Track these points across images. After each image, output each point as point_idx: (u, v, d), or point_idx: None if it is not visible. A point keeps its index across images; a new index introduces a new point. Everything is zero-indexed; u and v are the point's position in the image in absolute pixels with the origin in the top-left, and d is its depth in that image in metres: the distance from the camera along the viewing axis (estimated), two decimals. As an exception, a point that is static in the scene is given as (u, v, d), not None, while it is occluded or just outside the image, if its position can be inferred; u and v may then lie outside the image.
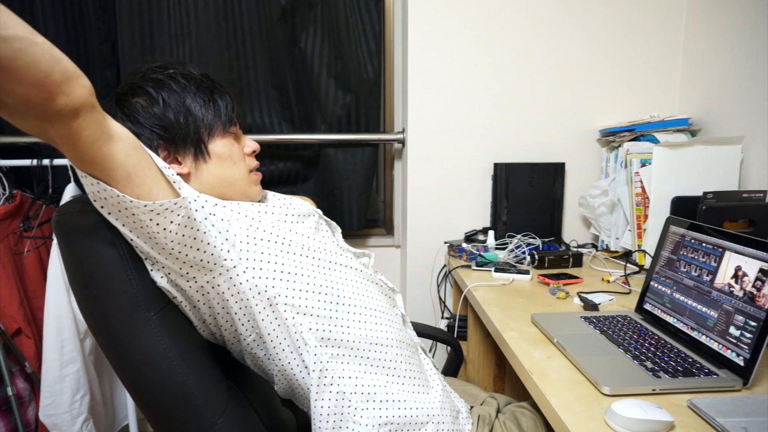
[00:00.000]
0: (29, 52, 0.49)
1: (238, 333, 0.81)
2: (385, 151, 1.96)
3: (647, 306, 1.06)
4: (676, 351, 0.90)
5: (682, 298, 0.96)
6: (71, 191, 1.53)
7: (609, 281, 1.37)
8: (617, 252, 1.62)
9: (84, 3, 1.66)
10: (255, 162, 0.91)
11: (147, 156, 0.67)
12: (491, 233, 1.68)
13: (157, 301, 0.76)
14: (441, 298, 1.84)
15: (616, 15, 1.74)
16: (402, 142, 1.82)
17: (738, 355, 0.81)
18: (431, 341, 1.76)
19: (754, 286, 0.81)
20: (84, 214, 0.72)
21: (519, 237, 1.68)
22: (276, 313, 0.77)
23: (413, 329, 0.99)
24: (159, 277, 0.75)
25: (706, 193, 1.25)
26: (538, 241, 1.66)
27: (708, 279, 0.91)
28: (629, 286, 1.33)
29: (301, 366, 0.80)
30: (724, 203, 1.24)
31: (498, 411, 1.01)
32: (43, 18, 1.64)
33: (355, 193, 1.80)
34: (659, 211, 1.40)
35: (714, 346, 0.86)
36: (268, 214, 0.81)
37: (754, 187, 1.41)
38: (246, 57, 1.71)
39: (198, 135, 0.81)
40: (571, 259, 1.51)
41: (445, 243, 1.79)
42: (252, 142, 0.90)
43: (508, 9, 1.71)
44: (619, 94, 1.78)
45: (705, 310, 0.90)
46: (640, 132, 1.59)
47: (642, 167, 1.45)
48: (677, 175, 1.40)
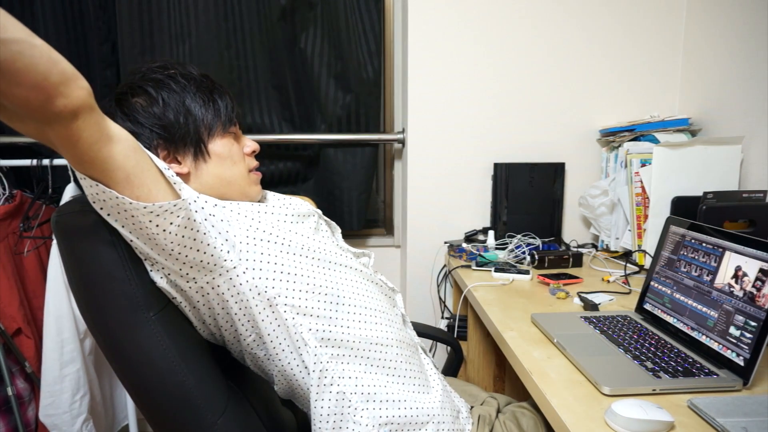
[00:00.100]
0: (28, 54, 0.48)
1: (238, 333, 0.81)
2: (385, 151, 1.96)
3: (647, 306, 1.06)
4: (676, 351, 0.90)
5: (682, 298, 0.96)
6: (71, 191, 1.53)
7: (609, 281, 1.37)
8: (617, 252, 1.62)
9: (84, 3, 1.66)
10: (255, 162, 0.91)
11: (146, 157, 0.67)
12: (491, 233, 1.68)
13: (157, 302, 0.76)
14: (441, 298, 1.84)
15: (616, 15, 1.73)
16: (402, 142, 1.82)
17: (738, 355, 0.81)
18: (431, 341, 1.76)
19: (754, 286, 0.81)
20: (84, 214, 0.72)
21: (519, 237, 1.68)
22: (276, 314, 0.77)
23: (413, 329, 0.99)
24: (158, 278, 0.75)
25: (706, 193, 1.25)
26: (538, 241, 1.66)
27: (708, 279, 0.91)
28: (629, 286, 1.33)
29: (301, 366, 0.80)
30: (724, 203, 1.24)
31: (498, 411, 1.01)
32: (43, 18, 1.64)
33: (355, 193, 1.80)
34: (659, 211, 1.40)
35: (714, 346, 0.86)
36: (267, 214, 0.81)
37: (754, 187, 1.41)
38: (246, 57, 1.71)
39: (198, 135, 0.81)
40: (571, 259, 1.51)
41: (445, 243, 1.79)
42: (252, 142, 0.90)
43: (508, 9, 1.71)
44: (619, 94, 1.78)
45: (705, 310, 0.90)
46: (640, 132, 1.59)
47: (642, 167, 1.45)
48: (677, 175, 1.40)
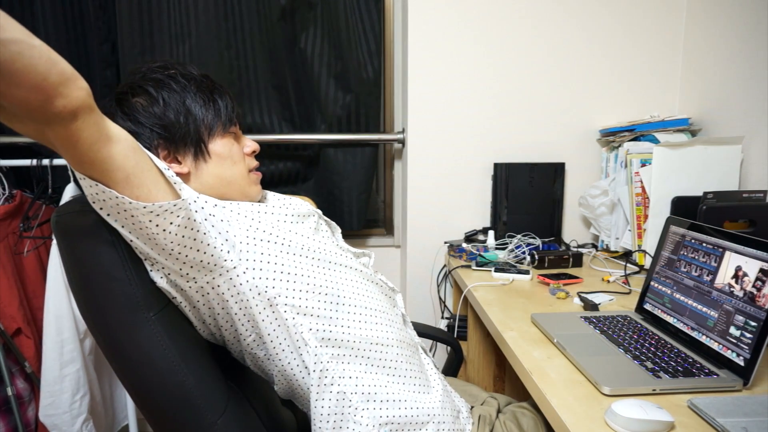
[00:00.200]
0: (27, 54, 0.48)
1: (238, 333, 0.81)
2: (385, 151, 1.96)
3: (647, 306, 1.06)
4: (676, 351, 0.90)
5: (682, 298, 0.96)
6: (71, 191, 1.53)
7: (609, 281, 1.37)
8: (617, 252, 1.61)
9: (84, 3, 1.66)
10: (255, 162, 0.91)
11: (146, 157, 0.67)
12: (491, 233, 1.68)
13: (157, 302, 0.76)
14: (441, 298, 1.84)
15: (616, 15, 1.73)
16: (402, 142, 1.82)
17: (738, 355, 0.81)
18: (431, 341, 1.76)
19: (754, 286, 0.81)
20: (83, 214, 0.72)
21: (519, 237, 1.68)
22: (276, 314, 0.77)
23: (413, 329, 0.99)
24: (158, 278, 0.75)
25: (706, 193, 1.25)
26: (538, 241, 1.66)
27: (708, 279, 0.91)
28: (629, 286, 1.33)
29: (301, 366, 0.80)
30: (724, 203, 1.24)
31: (498, 411, 1.01)
32: (43, 18, 1.64)
33: (355, 193, 1.80)
34: (659, 211, 1.40)
35: (714, 346, 0.86)
36: (267, 214, 0.81)
37: (754, 187, 1.41)
38: (246, 57, 1.71)
39: (198, 135, 0.81)
40: (571, 259, 1.51)
41: (445, 243, 1.79)
42: (252, 142, 0.90)
43: (508, 9, 1.71)
44: (619, 94, 1.78)
45: (705, 310, 0.90)
46: (640, 132, 1.59)
47: (642, 167, 1.45)
48: (677, 175, 1.40)
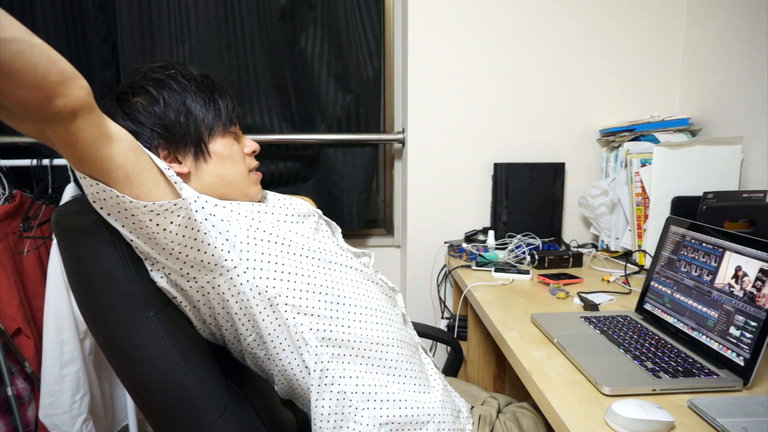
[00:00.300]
0: (27, 54, 0.48)
1: (238, 333, 0.81)
2: (385, 151, 1.96)
3: (647, 306, 1.06)
4: (676, 351, 0.90)
5: (682, 298, 0.96)
6: (71, 191, 1.53)
7: (609, 281, 1.37)
8: (617, 252, 1.61)
9: (84, 3, 1.66)
10: (255, 162, 0.91)
11: (146, 157, 0.67)
12: (491, 233, 1.68)
13: (157, 302, 0.76)
14: (441, 298, 1.84)
15: (616, 15, 1.73)
16: (402, 142, 1.82)
17: (738, 355, 0.81)
18: (431, 341, 1.76)
19: (754, 286, 0.81)
20: (83, 214, 0.72)
21: (519, 237, 1.68)
22: (276, 314, 0.77)
23: (414, 329, 0.99)
24: (159, 278, 0.75)
25: (706, 193, 1.25)
26: (538, 241, 1.66)
27: (708, 279, 0.91)
28: (629, 286, 1.33)
29: (302, 366, 0.80)
30: (724, 203, 1.24)
31: (498, 411, 1.01)
32: (43, 18, 1.64)
33: (355, 193, 1.80)
34: (659, 211, 1.40)
35: (714, 346, 0.86)
36: (268, 214, 0.81)
37: (754, 187, 1.41)
38: (246, 57, 1.71)
39: (198, 134, 0.81)
40: (571, 259, 1.51)
41: (445, 243, 1.79)
42: (252, 142, 0.91)
43: (508, 9, 1.71)
44: (619, 93, 1.78)
45: (705, 310, 0.90)
46: (640, 132, 1.59)
47: (642, 167, 1.45)
48: (677, 175, 1.40)
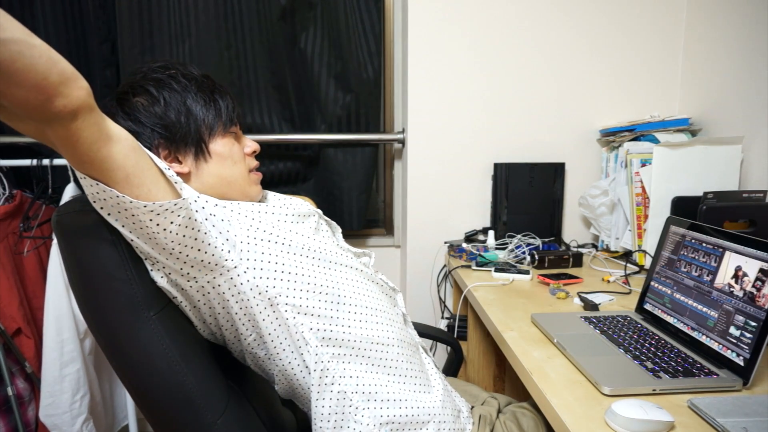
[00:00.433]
0: (27, 54, 0.48)
1: (238, 333, 0.81)
2: (385, 151, 1.96)
3: (647, 306, 1.06)
4: (676, 351, 0.90)
5: (682, 298, 0.96)
6: (71, 191, 1.53)
7: (609, 281, 1.37)
8: (617, 252, 1.61)
9: (84, 3, 1.66)
10: (255, 162, 0.91)
11: (146, 157, 0.67)
12: (491, 233, 1.68)
13: (157, 301, 0.76)
14: (441, 298, 1.84)
15: (616, 15, 1.73)
16: (402, 142, 1.82)
17: (738, 355, 0.81)
18: (431, 341, 1.76)
19: (754, 286, 0.81)
20: (84, 213, 0.72)
21: (519, 237, 1.68)
22: (277, 313, 0.77)
23: (414, 328, 0.99)
24: (159, 277, 0.75)
25: (706, 193, 1.25)
26: (538, 241, 1.66)
27: (708, 279, 0.91)
28: (629, 286, 1.33)
29: (302, 366, 0.80)
30: (724, 203, 1.24)
31: (499, 411, 1.01)
32: (43, 18, 1.64)
33: (355, 193, 1.80)
34: (659, 211, 1.40)
35: (714, 346, 0.86)
36: (268, 214, 0.81)
37: (754, 187, 1.41)
38: (246, 57, 1.71)
39: (199, 134, 0.81)
40: (571, 259, 1.51)
41: (445, 243, 1.79)
42: (252, 142, 0.91)
43: (508, 9, 1.71)
44: (619, 94, 1.78)
45: (705, 310, 0.90)
46: (640, 132, 1.59)
47: (642, 167, 1.45)
48: (677, 175, 1.40)
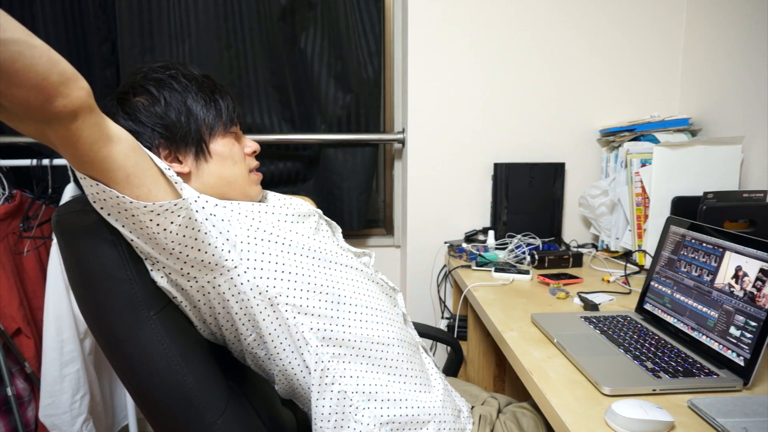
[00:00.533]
0: (27, 54, 0.48)
1: (238, 333, 0.81)
2: (385, 151, 1.96)
3: (647, 306, 1.06)
4: (676, 351, 0.90)
5: (682, 298, 0.96)
6: (71, 191, 1.53)
7: (609, 281, 1.37)
8: (617, 252, 1.61)
9: (84, 3, 1.66)
10: (255, 162, 0.91)
11: (146, 157, 0.67)
12: (491, 233, 1.68)
13: (157, 301, 0.76)
14: (441, 298, 1.84)
15: (616, 15, 1.73)
16: (402, 142, 1.82)
17: (738, 356, 0.81)
18: (431, 341, 1.76)
19: (754, 286, 0.81)
20: (84, 213, 0.72)
21: (519, 237, 1.68)
22: (277, 313, 0.77)
23: (414, 328, 0.99)
24: (159, 277, 0.75)
25: (706, 193, 1.25)
26: (538, 241, 1.66)
27: (708, 279, 0.91)
28: (629, 286, 1.33)
29: (302, 366, 0.80)
30: (724, 203, 1.24)
31: (499, 411, 1.01)
32: (43, 18, 1.64)
33: (355, 193, 1.80)
34: (659, 211, 1.40)
35: (714, 346, 0.86)
36: (268, 214, 0.81)
37: (754, 187, 1.41)
38: (246, 57, 1.71)
39: (199, 134, 0.81)
40: (571, 259, 1.51)
41: (445, 243, 1.79)
42: (252, 142, 0.91)
43: (508, 9, 1.71)
44: (620, 94, 1.78)
45: (705, 310, 0.90)
46: (640, 132, 1.59)
47: (642, 167, 1.45)
48: (677, 175, 1.40)
